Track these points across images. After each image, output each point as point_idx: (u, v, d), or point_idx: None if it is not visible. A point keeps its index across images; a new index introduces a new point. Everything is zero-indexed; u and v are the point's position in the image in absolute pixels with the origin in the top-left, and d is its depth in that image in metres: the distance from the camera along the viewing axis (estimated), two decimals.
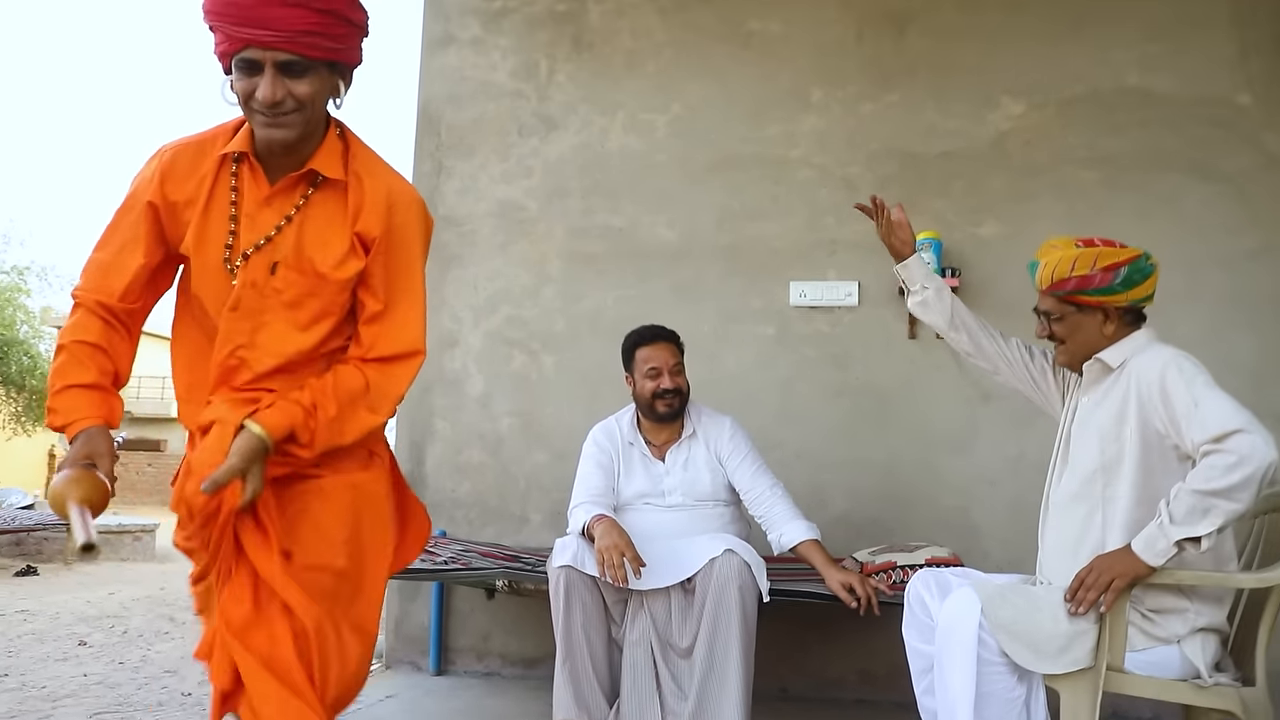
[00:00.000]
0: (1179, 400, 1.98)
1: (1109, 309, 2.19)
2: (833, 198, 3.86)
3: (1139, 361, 2.12)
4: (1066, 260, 2.20)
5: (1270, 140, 3.62)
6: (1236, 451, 1.85)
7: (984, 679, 1.92)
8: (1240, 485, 1.83)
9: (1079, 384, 2.29)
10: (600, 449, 3.09)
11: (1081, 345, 2.22)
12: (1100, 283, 2.17)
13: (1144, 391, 2.06)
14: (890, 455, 3.69)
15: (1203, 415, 1.93)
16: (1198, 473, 1.89)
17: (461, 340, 4.10)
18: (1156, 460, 2.04)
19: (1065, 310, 2.22)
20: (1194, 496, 1.87)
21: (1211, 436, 1.89)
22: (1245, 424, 1.88)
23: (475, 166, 4.19)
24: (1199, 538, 1.86)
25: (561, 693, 2.75)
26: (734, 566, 2.66)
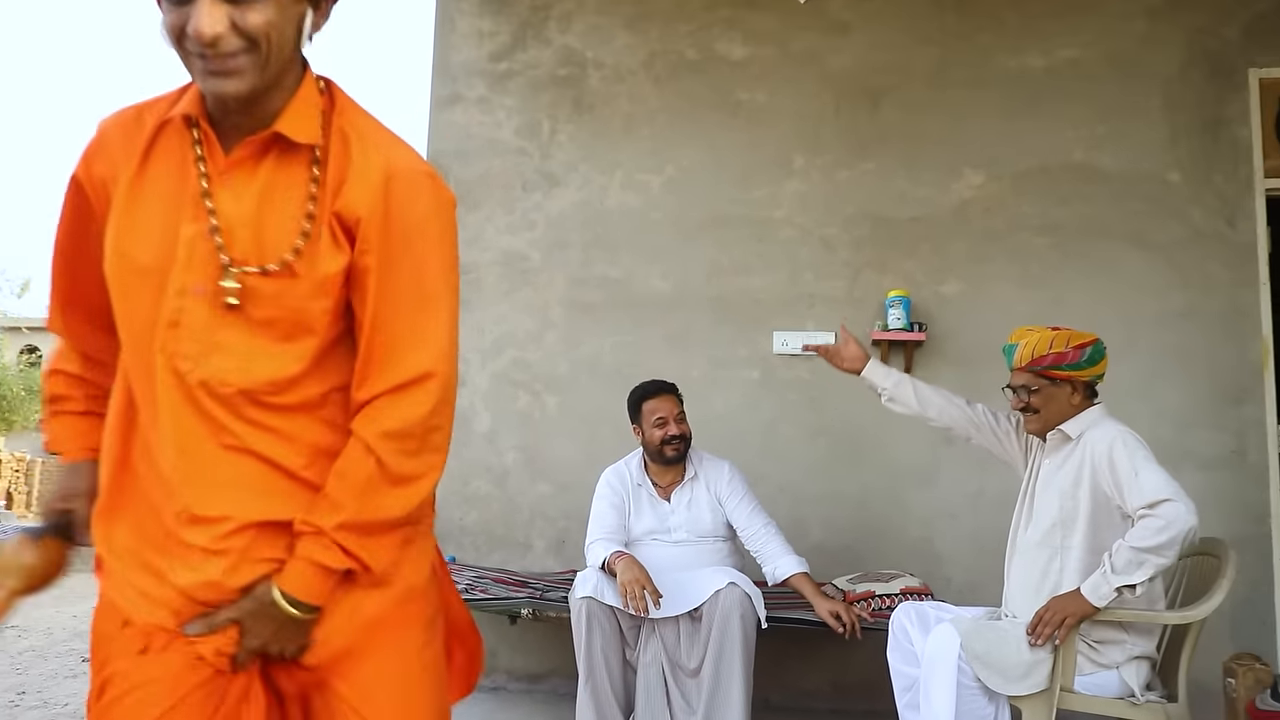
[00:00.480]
0: (1123, 470, 2.41)
1: (1076, 383, 2.62)
2: (812, 256, 4.27)
3: (1093, 434, 2.54)
4: (1045, 340, 2.62)
5: (1196, 214, 4.09)
6: (1165, 517, 2.28)
7: (961, 700, 2.32)
8: (1167, 544, 2.26)
9: (1041, 449, 2.71)
10: (613, 490, 3.45)
11: (1054, 414, 2.64)
12: (1072, 359, 2.59)
13: (1096, 461, 2.48)
14: (862, 490, 4.11)
15: (1140, 484, 2.35)
16: (1134, 532, 2.32)
17: (469, 380, 4.43)
18: (1104, 518, 2.47)
19: (1041, 384, 2.64)
20: (1131, 552, 2.29)
21: (1147, 503, 2.32)
22: (1174, 494, 2.30)
23: (482, 218, 4.53)
24: (1134, 585, 2.28)
25: (584, 709, 3.11)
26: (736, 598, 3.05)
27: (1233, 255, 4.04)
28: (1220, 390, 3.96)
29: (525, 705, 3.97)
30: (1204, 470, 3.87)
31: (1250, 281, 4.02)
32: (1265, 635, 3.83)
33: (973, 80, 4.26)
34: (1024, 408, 2.69)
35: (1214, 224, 4.07)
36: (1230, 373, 3.97)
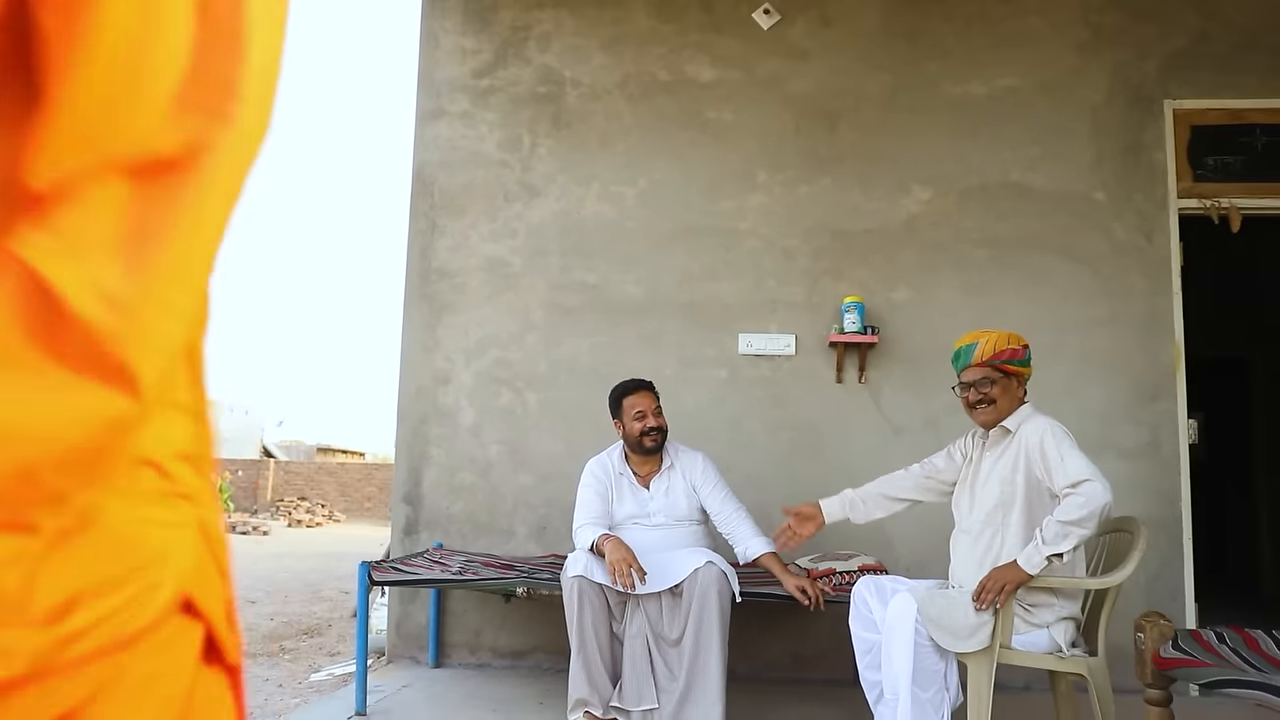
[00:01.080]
0: (1052, 456, 2.81)
1: (1020, 378, 3.01)
2: (775, 264, 4.64)
3: (1026, 427, 2.94)
4: (1002, 338, 3.01)
5: (1118, 230, 4.55)
6: (1085, 494, 2.68)
7: (917, 658, 2.70)
8: (1087, 518, 2.66)
9: (979, 447, 3.11)
10: (597, 479, 3.79)
11: (1006, 404, 3.02)
12: (1020, 356, 3.00)
13: (1030, 450, 2.88)
14: (821, 479, 4.49)
15: (1065, 468, 2.76)
16: (1060, 509, 2.72)
17: (454, 378, 4.73)
18: (1037, 499, 2.87)
19: (998, 376, 3.03)
20: (1058, 525, 2.69)
21: (1070, 483, 2.72)
22: (1093, 475, 2.71)
23: (465, 226, 4.83)
24: (1061, 554, 2.68)
25: (576, 677, 3.45)
26: (714, 574, 3.40)
27: (1150, 267, 4.50)
28: (1138, 388, 4.42)
29: (510, 679, 4.29)
30: (1124, 459, 4.33)
31: (1165, 291, 4.48)
32: (1175, 606, 4.30)
33: (921, 105, 4.67)
34: (981, 399, 3.06)
35: (1134, 239, 4.53)
36: (1147, 372, 4.43)
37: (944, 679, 2.77)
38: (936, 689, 2.75)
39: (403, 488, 4.71)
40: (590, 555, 3.52)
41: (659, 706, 3.40)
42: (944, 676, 2.77)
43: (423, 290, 4.81)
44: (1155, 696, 2.60)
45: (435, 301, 4.80)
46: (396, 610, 4.64)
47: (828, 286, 4.60)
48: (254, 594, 8.26)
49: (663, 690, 3.43)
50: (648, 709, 3.41)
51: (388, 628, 4.67)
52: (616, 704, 3.43)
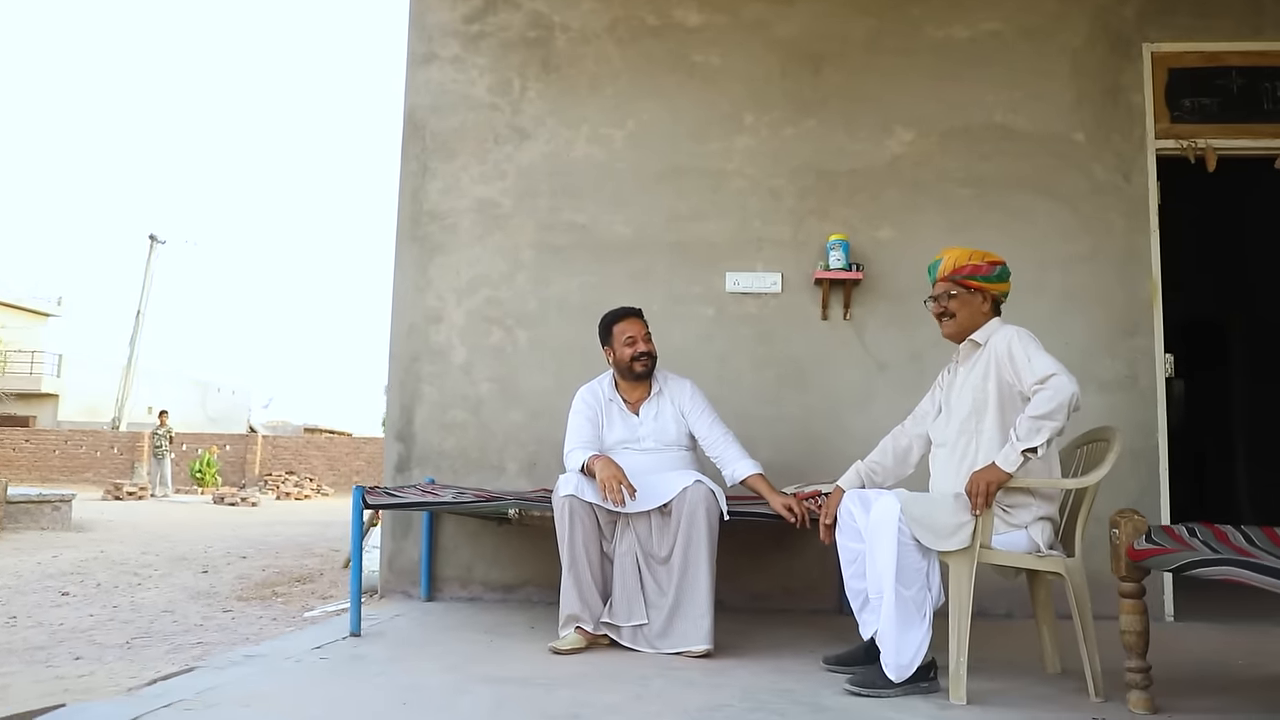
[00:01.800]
0: (1019, 358, 2.90)
1: (986, 294, 3.09)
2: (761, 204, 4.71)
3: (995, 337, 3.03)
4: (964, 255, 3.10)
5: (1097, 170, 4.63)
6: (1053, 387, 2.77)
7: (900, 556, 2.79)
8: (1056, 410, 2.75)
9: (956, 362, 3.19)
10: (587, 405, 3.86)
11: (967, 319, 3.11)
12: (985, 272, 3.07)
13: (999, 356, 2.97)
14: (806, 413, 4.58)
15: (1033, 366, 2.85)
16: (1030, 405, 2.80)
17: (446, 317, 4.79)
18: (1008, 403, 2.95)
19: (960, 290, 3.11)
20: (1030, 421, 2.78)
21: (1038, 379, 2.81)
22: (1059, 370, 2.80)
23: (456, 168, 4.88)
24: (1035, 449, 2.77)
25: (568, 594, 3.53)
26: (702, 493, 3.49)
27: (1128, 206, 4.59)
28: (1117, 323, 4.52)
29: (502, 610, 4.36)
30: (1103, 393, 4.43)
31: (1142, 229, 4.58)
32: None
33: (905, 48, 4.74)
34: (942, 312, 3.15)
35: (1113, 179, 4.62)
36: (1125, 308, 4.53)
37: (926, 578, 2.86)
38: (919, 587, 2.84)
39: (395, 425, 4.77)
40: (581, 476, 3.60)
41: (648, 622, 3.49)
42: (926, 575, 2.86)
43: (414, 232, 4.86)
44: (1129, 589, 2.69)
45: (427, 243, 4.85)
46: (389, 546, 4.71)
47: (813, 226, 4.67)
48: (245, 552, 8.32)
49: (652, 606, 3.51)
50: (638, 624, 3.50)
51: (380, 563, 4.74)
52: (607, 619, 3.52)
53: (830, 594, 4.43)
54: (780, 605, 4.48)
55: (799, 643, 3.69)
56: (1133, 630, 2.68)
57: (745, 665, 3.29)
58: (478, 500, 3.82)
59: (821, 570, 4.45)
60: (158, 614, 4.94)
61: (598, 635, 3.52)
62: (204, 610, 5.06)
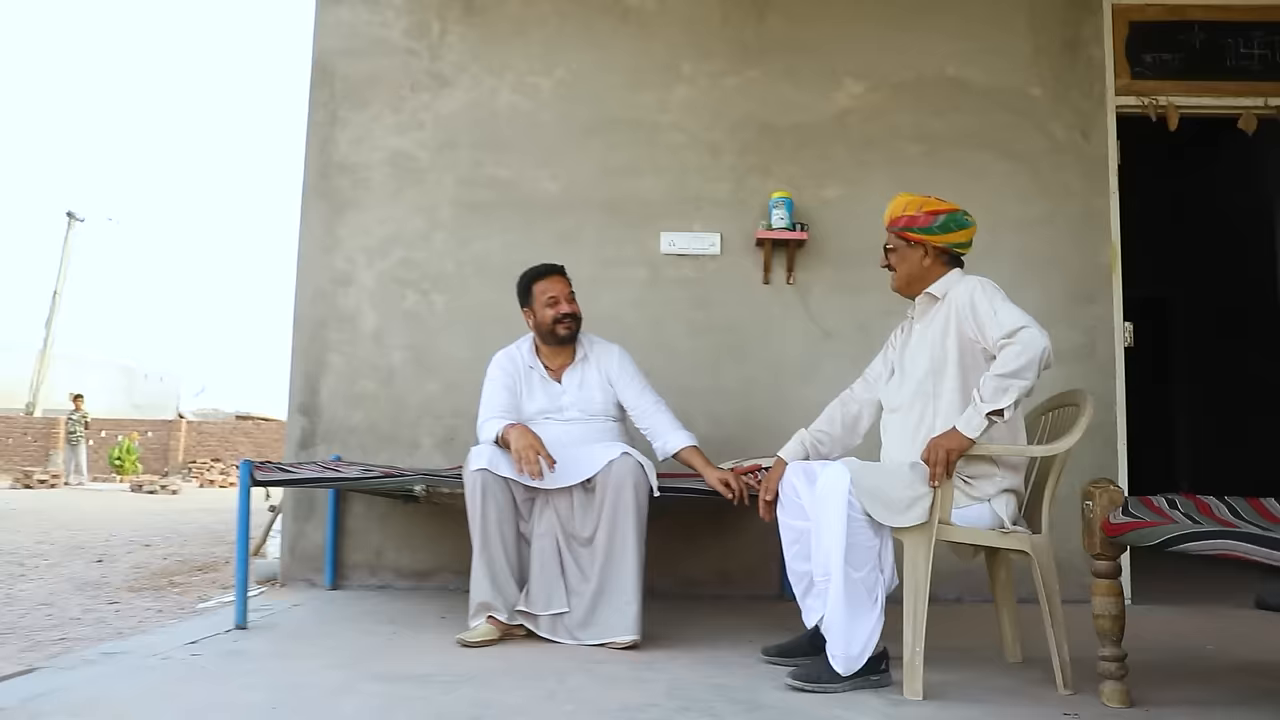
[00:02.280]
0: (983, 310, 2.59)
1: (928, 246, 2.78)
2: (699, 159, 4.37)
3: (955, 290, 2.72)
4: (900, 204, 2.80)
5: (1056, 128, 4.37)
6: (1022, 341, 2.47)
7: (850, 533, 2.46)
8: (1026, 366, 2.45)
9: (911, 319, 2.88)
10: (504, 372, 3.48)
11: (906, 274, 2.80)
12: (923, 223, 2.76)
13: (960, 310, 2.66)
14: (746, 385, 4.25)
15: (999, 319, 2.54)
16: (997, 362, 2.49)
17: (355, 280, 4.38)
18: (970, 361, 2.64)
19: (898, 243, 2.81)
20: (996, 380, 2.47)
21: (1006, 332, 2.50)
22: (1028, 323, 2.50)
23: (369, 118, 4.46)
24: (1002, 410, 2.46)
25: (479, 580, 3.15)
26: (629, 466, 3.13)
27: (1087, 167, 4.34)
28: (1074, 291, 4.25)
29: (414, 599, 3.98)
30: (1060, 364, 4.08)
31: (1102, 191, 4.32)
32: None
33: None
34: (886, 265, 2.86)
35: (1071, 137, 4.36)
36: (1083, 275, 4.26)
37: (879, 558, 2.54)
38: (870, 568, 2.51)
39: (298, 397, 4.35)
40: (495, 448, 3.23)
41: (569, 610, 3.14)
42: (879, 555, 2.54)
43: (322, 187, 4.43)
44: (1103, 568, 2.40)
45: (335, 198, 4.42)
46: (290, 530, 4.29)
47: (755, 183, 4.34)
48: (150, 540, 7.80)
49: (573, 593, 3.16)
50: (557, 613, 3.14)
51: (280, 549, 4.33)
52: (523, 608, 3.16)
53: (771, 578, 4.11)
54: (716, 591, 4.16)
55: (736, 632, 3.36)
56: (1107, 614, 2.39)
57: (676, 658, 2.95)
58: (379, 476, 3.43)
59: (761, 553, 4.13)
60: (32, 607, 4.46)
61: (512, 625, 3.16)
62: (87, 603, 4.59)
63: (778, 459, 2.97)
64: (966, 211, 2.82)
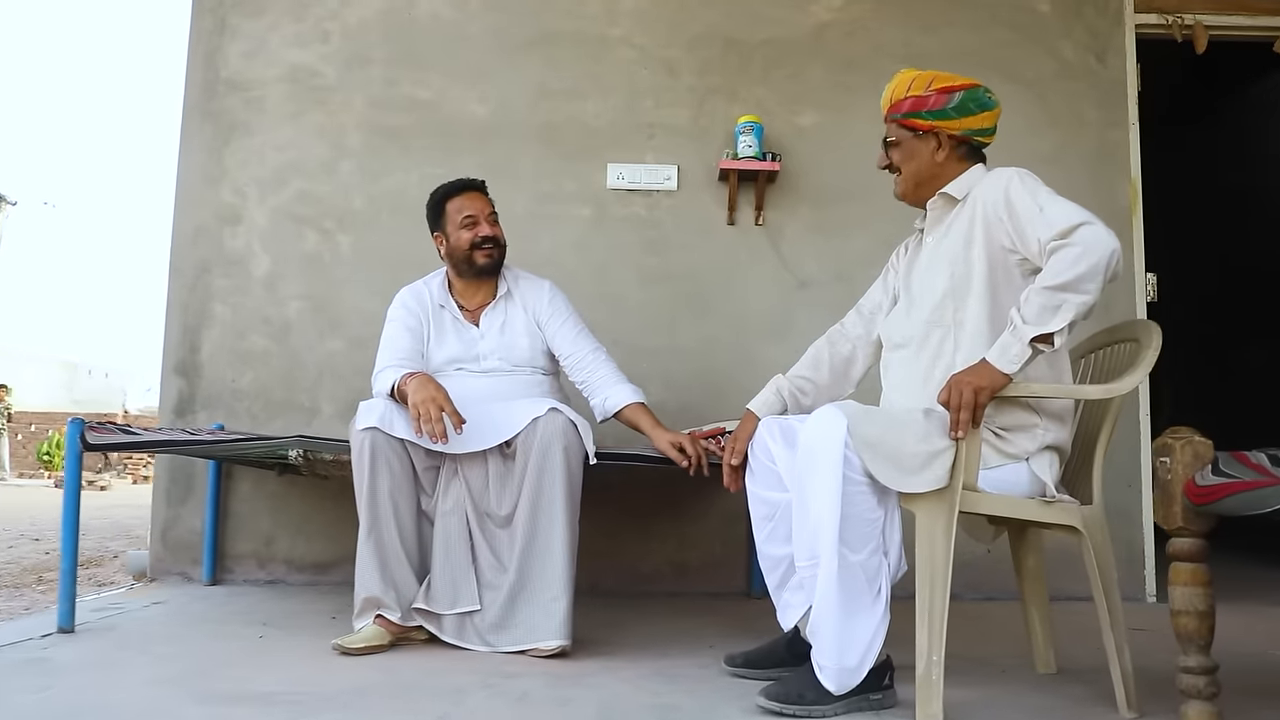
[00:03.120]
0: (1023, 208, 1.97)
1: (941, 135, 2.15)
2: (653, 80, 3.72)
3: (981, 187, 2.10)
4: (903, 82, 2.17)
5: (1066, 48, 3.77)
6: (1082, 242, 1.85)
7: (846, 502, 1.82)
8: (1087, 275, 1.83)
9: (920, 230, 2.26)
10: (409, 312, 2.81)
11: (914, 174, 2.19)
12: (934, 104, 2.13)
13: (989, 210, 2.04)
14: (706, 342, 3.61)
15: (1048, 216, 1.92)
16: (1046, 271, 1.87)
17: (245, 216, 3.68)
18: (1002, 278, 2.02)
19: (902, 135, 2.19)
20: (1044, 294, 1.84)
21: (1058, 233, 1.88)
22: (1089, 218, 1.89)
23: (264, 27, 3.76)
24: (1051, 336, 1.84)
25: (365, 568, 2.48)
26: (559, 425, 2.47)
27: (1102, 94, 3.75)
28: None
29: (307, 596, 3.31)
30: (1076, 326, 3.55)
31: (1120, 122, 3.73)
32: (1132, 495, 3.57)
33: None
34: (886, 166, 2.23)
35: (1084, 59, 3.76)
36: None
37: (883, 536, 1.90)
38: (872, 549, 1.87)
39: (174, 355, 3.64)
40: (390, 402, 2.55)
41: (481, 608, 2.47)
42: (883, 532, 1.90)
43: (207, 107, 3.73)
44: (1188, 547, 1.77)
45: (223, 120, 3.72)
46: (162, 514, 3.58)
47: (718, 108, 3.69)
48: (45, 534, 7.01)
49: (487, 586, 2.50)
50: (466, 611, 2.48)
51: (150, 536, 3.61)
52: (422, 605, 2.48)
53: (737, 572, 3.48)
54: (672, 588, 3.51)
55: (694, 637, 2.72)
56: (1192, 610, 1.75)
57: (614, 669, 2.29)
58: (239, 439, 2.74)
59: (727, 541, 3.51)
60: None
61: (408, 627, 2.49)
62: None
63: (747, 413, 2.33)
64: (988, 88, 2.20)
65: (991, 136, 2.22)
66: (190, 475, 3.57)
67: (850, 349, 2.36)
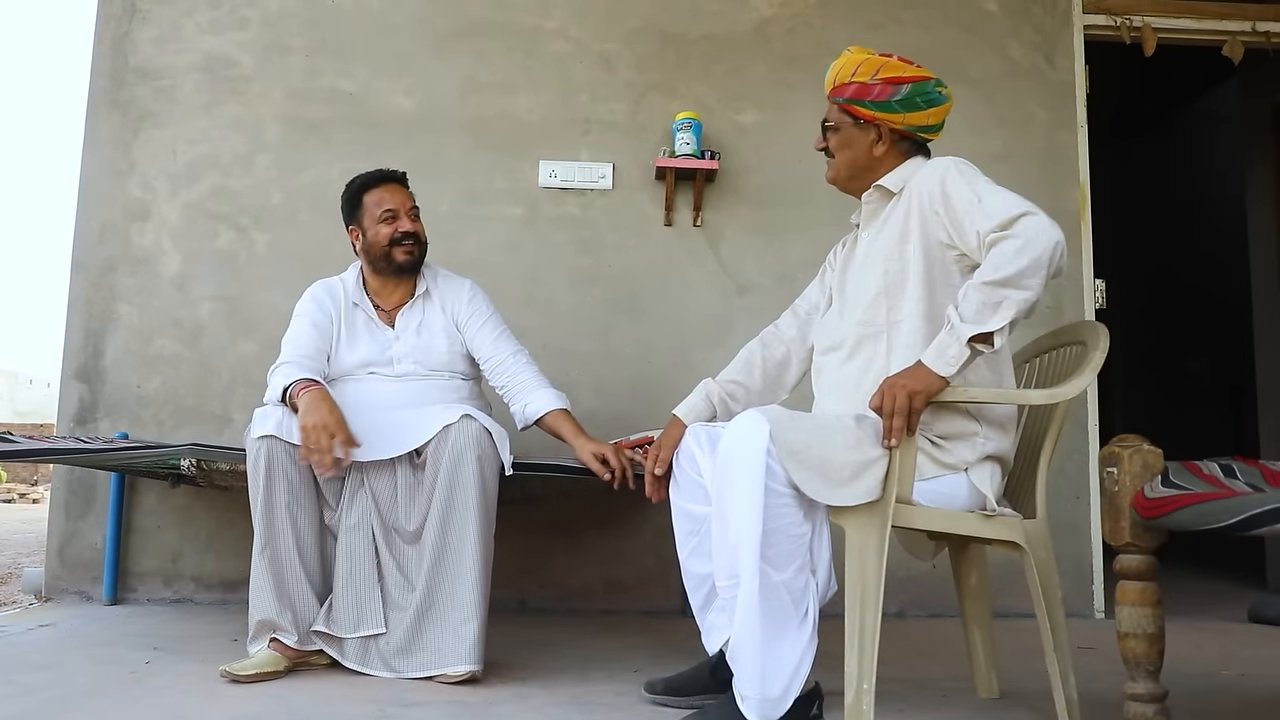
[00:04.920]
0: (960, 199, 1.83)
1: (883, 128, 2.01)
2: (588, 74, 3.57)
3: (917, 178, 1.96)
4: (850, 64, 2.02)
5: (1014, 47, 3.67)
6: (1023, 234, 1.71)
7: (769, 515, 1.66)
8: (1029, 269, 1.69)
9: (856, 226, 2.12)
10: (319, 306, 2.63)
11: (848, 163, 2.05)
12: (879, 95, 1.99)
13: (924, 202, 1.90)
14: (642, 348, 3.45)
15: (987, 207, 1.79)
16: (985, 265, 1.74)
17: (154, 212, 3.47)
18: (939, 275, 1.88)
19: (842, 121, 2.04)
20: (983, 290, 1.70)
21: (997, 224, 1.75)
22: (1030, 208, 1.75)
23: (178, 13, 3.56)
24: (991, 336, 1.70)
25: (260, 588, 2.29)
26: (472, 434, 2.29)
27: (1050, 94, 3.66)
28: None
29: (214, 616, 3.09)
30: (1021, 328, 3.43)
31: (1068, 123, 3.64)
32: (1080, 506, 3.46)
33: None
34: (824, 149, 2.09)
35: (1032, 59, 3.67)
36: None
37: (809, 553, 1.74)
38: (798, 567, 1.72)
39: (75, 359, 3.41)
40: (287, 410, 2.36)
41: (386, 631, 2.28)
42: (809, 549, 1.74)
43: (115, 96, 3.51)
44: (1135, 565, 1.63)
45: (131, 110, 3.51)
46: (60, 528, 3.35)
47: (656, 104, 3.55)
48: None
49: (393, 607, 2.31)
50: (370, 634, 2.29)
51: (47, 553, 3.38)
52: (323, 628, 2.29)
53: (673, 588, 3.31)
54: (604, 604, 3.34)
55: (619, 659, 2.55)
56: (1140, 632, 1.62)
57: (527, 696, 2.12)
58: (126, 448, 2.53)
59: (661, 556, 3.34)
60: None
61: (307, 652, 2.30)
62: None
63: (673, 419, 2.17)
64: (940, 81, 2.06)
65: (938, 133, 2.09)
66: (91, 487, 3.34)
67: (784, 352, 2.21)
